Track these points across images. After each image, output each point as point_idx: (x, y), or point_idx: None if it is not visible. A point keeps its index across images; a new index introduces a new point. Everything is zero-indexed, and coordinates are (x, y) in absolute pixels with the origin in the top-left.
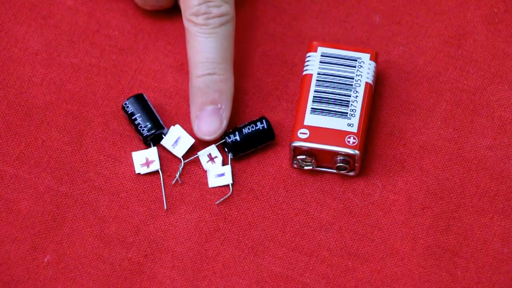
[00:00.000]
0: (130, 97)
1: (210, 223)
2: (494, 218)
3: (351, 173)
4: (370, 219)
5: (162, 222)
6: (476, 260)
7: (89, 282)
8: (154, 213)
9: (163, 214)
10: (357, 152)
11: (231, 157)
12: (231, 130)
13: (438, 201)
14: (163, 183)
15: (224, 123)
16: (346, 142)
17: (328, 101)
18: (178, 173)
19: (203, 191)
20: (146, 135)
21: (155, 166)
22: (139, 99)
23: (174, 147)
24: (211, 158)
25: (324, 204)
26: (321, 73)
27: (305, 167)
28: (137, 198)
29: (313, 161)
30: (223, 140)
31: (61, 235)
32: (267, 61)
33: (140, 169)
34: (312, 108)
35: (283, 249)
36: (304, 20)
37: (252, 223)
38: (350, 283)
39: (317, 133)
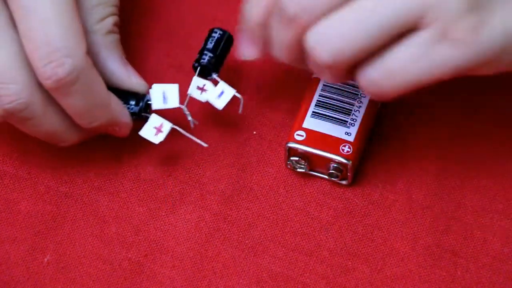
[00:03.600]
0: None
1: (210, 223)
2: (494, 218)
3: (343, 182)
4: (370, 219)
5: (162, 222)
6: (476, 260)
7: (89, 282)
8: (154, 213)
9: (163, 214)
10: (349, 161)
11: (216, 76)
12: (198, 56)
13: (438, 201)
14: (185, 130)
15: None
16: (341, 150)
17: (330, 107)
18: (190, 117)
19: (203, 191)
20: (135, 111)
21: (167, 126)
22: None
23: (166, 103)
24: (201, 89)
25: (324, 204)
26: None
27: (298, 169)
28: (137, 198)
29: (306, 164)
30: (199, 67)
31: (61, 235)
32: (267, 60)
33: (157, 139)
34: (313, 112)
35: (283, 249)
36: None
37: (252, 223)
38: (350, 283)
39: (313, 137)
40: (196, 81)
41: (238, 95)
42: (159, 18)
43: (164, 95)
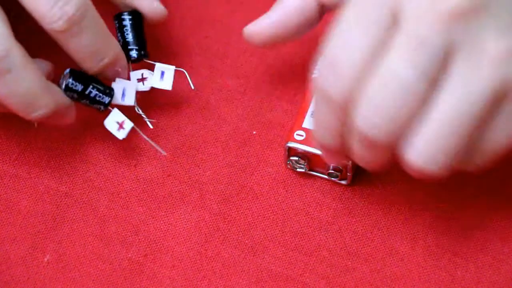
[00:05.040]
0: (69, 76)
1: (209, 223)
2: (494, 218)
3: (343, 182)
4: (370, 219)
5: (162, 222)
6: (476, 260)
7: (89, 282)
8: (154, 213)
9: (163, 214)
10: (349, 161)
11: (146, 58)
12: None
13: (438, 201)
14: (141, 132)
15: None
16: None
17: None
18: (145, 117)
19: (203, 191)
20: (108, 102)
21: (129, 124)
22: (77, 74)
23: (123, 100)
24: (142, 79)
25: (324, 204)
26: None
27: (298, 169)
28: (137, 198)
29: (305, 164)
30: (133, 59)
31: (61, 235)
32: (266, 61)
33: (120, 135)
34: (313, 112)
35: (283, 249)
36: None
37: (252, 223)
38: (350, 283)
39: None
40: (134, 74)
41: (180, 69)
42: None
43: (123, 91)
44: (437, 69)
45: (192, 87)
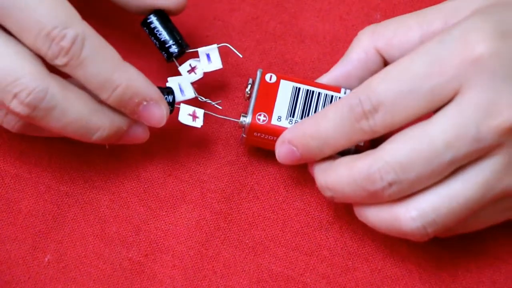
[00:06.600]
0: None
1: (210, 223)
2: None
3: None
4: None
5: (162, 221)
6: (476, 260)
7: (90, 281)
8: (155, 213)
9: (164, 213)
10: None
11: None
12: (163, 52)
13: None
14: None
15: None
16: None
17: None
18: (211, 102)
19: (204, 190)
20: (173, 99)
21: (200, 111)
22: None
23: (184, 95)
24: (192, 69)
25: (324, 204)
26: None
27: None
28: (137, 197)
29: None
30: (174, 57)
31: (61, 234)
32: (267, 60)
33: (197, 124)
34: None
35: (283, 248)
36: (305, 19)
37: (253, 222)
38: (350, 283)
39: None
40: (183, 68)
41: (223, 44)
42: None
43: (180, 87)
44: (468, 158)
45: (240, 56)
